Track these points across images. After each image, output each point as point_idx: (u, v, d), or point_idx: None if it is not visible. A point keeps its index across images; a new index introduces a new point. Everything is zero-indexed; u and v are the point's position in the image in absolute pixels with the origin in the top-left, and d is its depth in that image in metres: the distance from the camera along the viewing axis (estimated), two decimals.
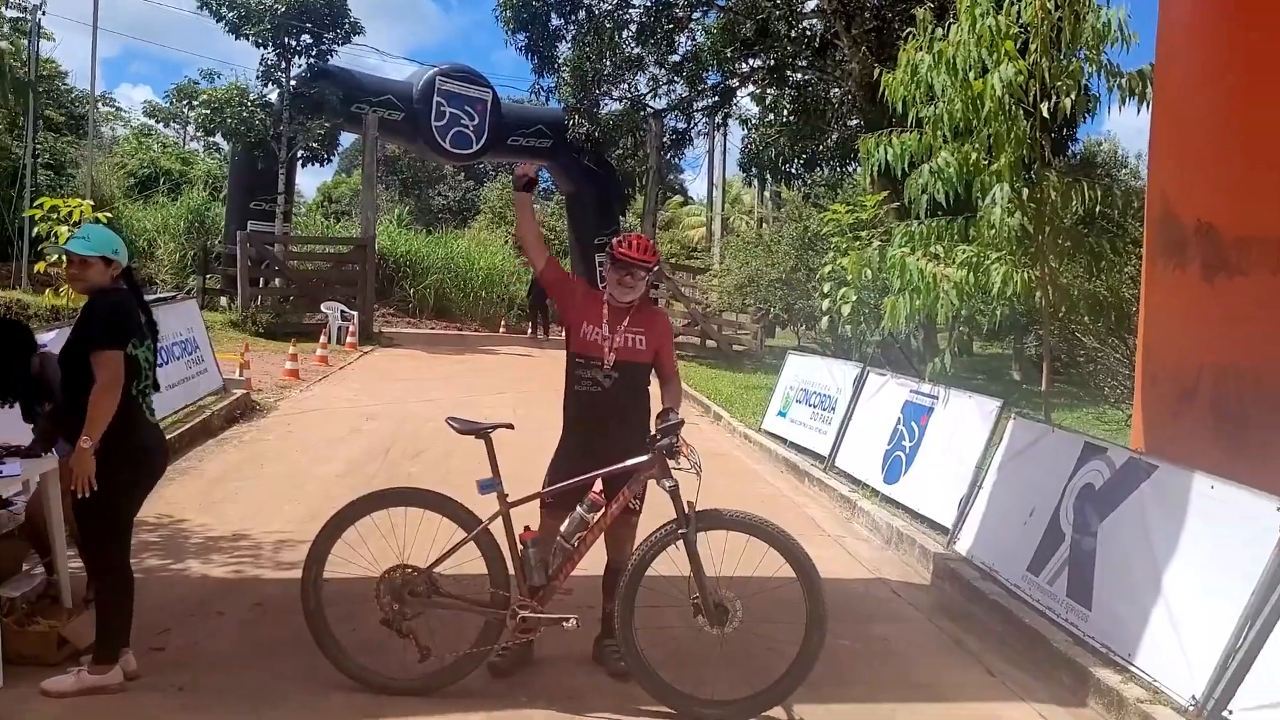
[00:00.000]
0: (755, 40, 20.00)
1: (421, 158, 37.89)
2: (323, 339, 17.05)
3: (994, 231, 7.41)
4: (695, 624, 4.28)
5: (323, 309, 19.74)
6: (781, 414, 11.21)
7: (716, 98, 22.61)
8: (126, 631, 4.22)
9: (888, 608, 5.99)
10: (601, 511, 4.35)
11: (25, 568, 4.97)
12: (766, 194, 35.90)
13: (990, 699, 4.67)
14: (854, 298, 10.34)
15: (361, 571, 4.36)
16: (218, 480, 8.02)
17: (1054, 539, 5.63)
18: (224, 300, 21.37)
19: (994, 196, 7.33)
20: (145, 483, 4.32)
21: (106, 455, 3.95)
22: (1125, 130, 66.75)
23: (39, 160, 23.79)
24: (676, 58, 21.97)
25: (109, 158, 32.54)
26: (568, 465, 4.52)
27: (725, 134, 34.31)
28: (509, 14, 21.64)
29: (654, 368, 4.66)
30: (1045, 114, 7.23)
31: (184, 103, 22.52)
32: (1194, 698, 4.23)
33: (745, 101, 23.94)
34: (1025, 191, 7.49)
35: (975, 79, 7.20)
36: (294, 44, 20.35)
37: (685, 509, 4.24)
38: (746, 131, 23.30)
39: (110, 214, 15.54)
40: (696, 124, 24.52)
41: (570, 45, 22.02)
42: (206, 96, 20.10)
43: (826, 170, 23.46)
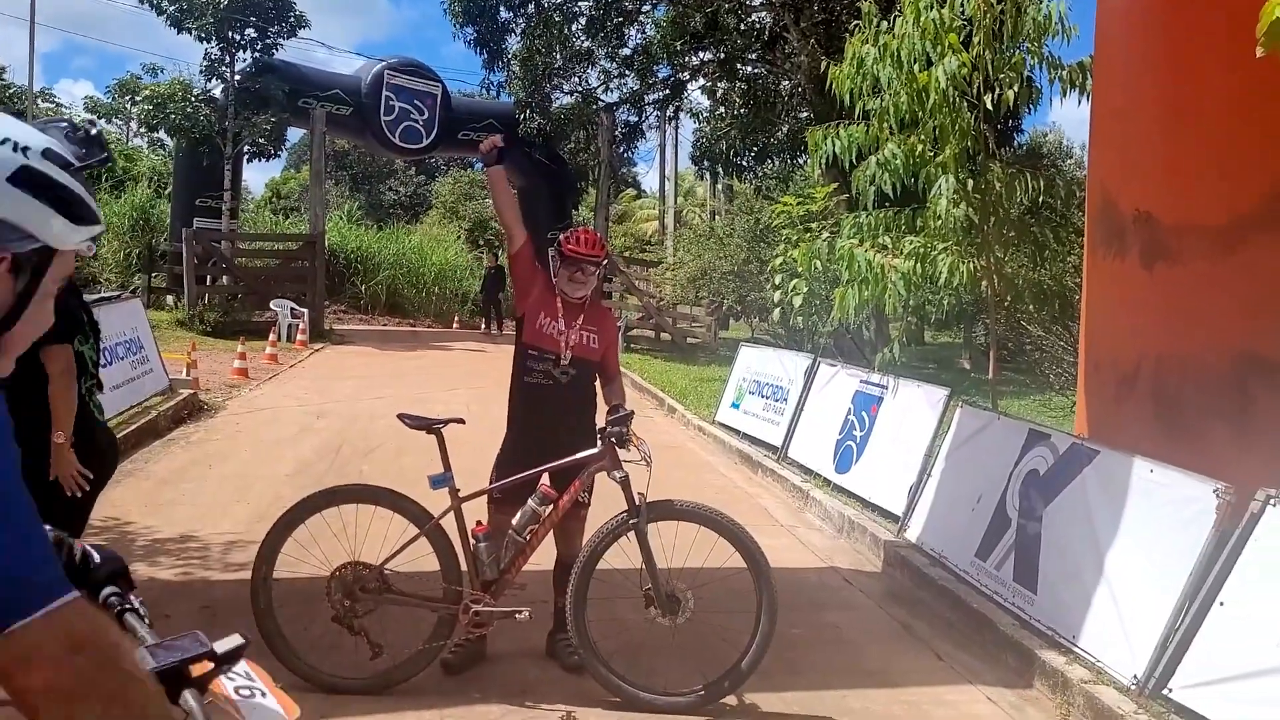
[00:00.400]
0: (705, 33, 20.03)
1: (371, 152, 37.51)
2: (272, 337, 16.85)
3: (940, 222, 7.52)
4: (647, 615, 4.31)
5: (272, 306, 19.49)
6: (735, 406, 11.27)
7: (667, 91, 22.63)
8: None
9: (839, 595, 6.06)
10: (553, 504, 4.36)
11: None
12: (719, 187, 36.01)
13: (938, 683, 4.74)
14: (805, 289, 10.42)
15: (313, 571, 4.33)
16: (165, 482, 7.91)
17: (1000, 524, 5.72)
18: (170, 299, 21.03)
19: (940, 187, 7.42)
20: (96, 482, 4.25)
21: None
22: (1070, 121, 67.97)
23: None
24: (627, 51, 21.95)
25: None
26: (516, 459, 4.52)
27: (677, 127, 34.38)
28: (457, 7, 21.47)
29: (599, 367, 4.68)
30: (989, 106, 7.34)
31: (126, 98, 22.09)
32: (1136, 677, 4.33)
33: (696, 94, 24.01)
34: (970, 183, 7.60)
35: (920, 71, 7.28)
36: (238, 38, 20.04)
37: (636, 500, 4.26)
38: (698, 125, 23.39)
39: None
40: (648, 117, 24.50)
41: (520, 39, 21.91)
42: (149, 92, 19.75)
43: (777, 162, 23.59)
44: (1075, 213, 9.31)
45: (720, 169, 23.91)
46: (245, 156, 21.27)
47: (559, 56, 21.16)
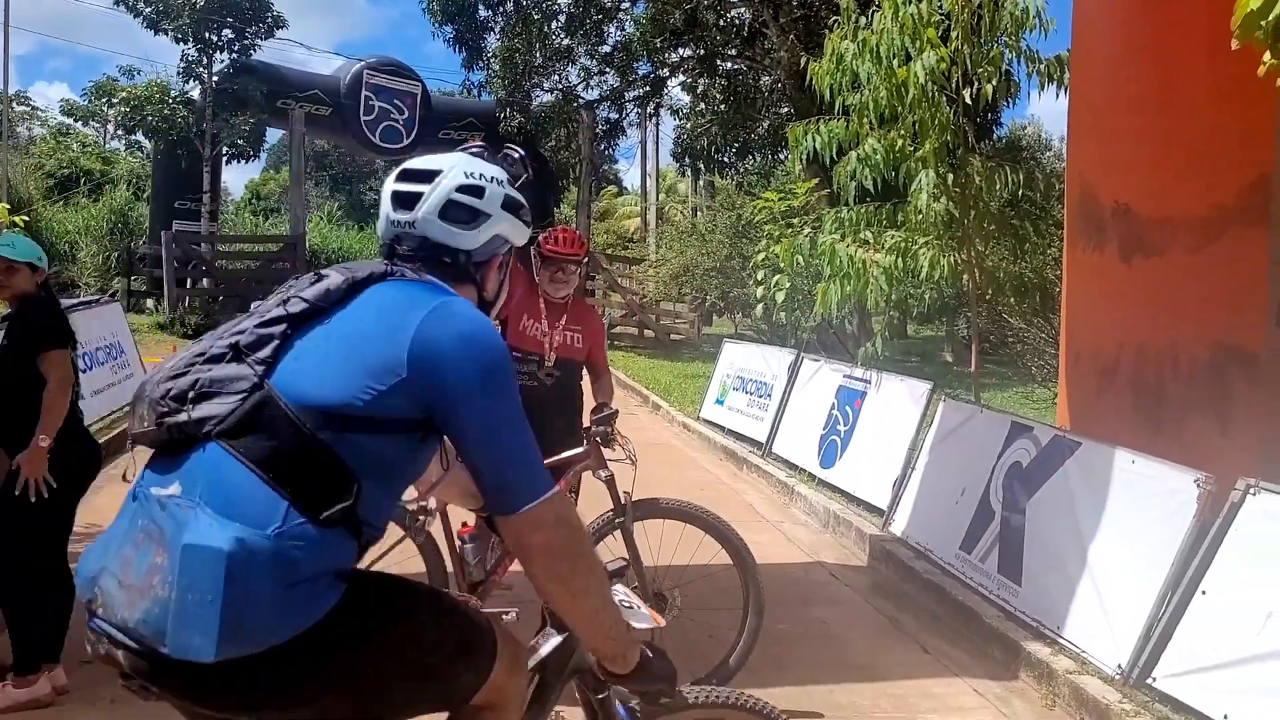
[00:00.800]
0: (684, 30, 20.05)
1: (352, 153, 37.37)
2: None
3: (921, 216, 7.53)
4: None
5: (253, 308, 19.35)
6: (719, 402, 11.29)
7: (648, 88, 22.64)
8: (58, 644, 4.13)
9: (825, 590, 6.08)
10: None
11: None
12: (700, 183, 36.02)
13: (925, 676, 4.76)
14: (787, 285, 10.44)
15: None
16: None
17: (984, 517, 5.75)
18: (150, 302, 20.88)
19: (920, 182, 7.44)
20: (79, 489, 4.30)
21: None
22: (1049, 114, 68.28)
23: None
24: (606, 48, 21.94)
25: (25, 159, 31.59)
26: None
27: (658, 124, 34.42)
28: (436, 6, 21.44)
29: (587, 364, 4.67)
30: (968, 100, 7.36)
31: (103, 101, 21.91)
32: (1120, 667, 4.36)
33: (676, 91, 24.04)
34: (950, 177, 7.62)
35: (899, 66, 7.30)
36: (215, 39, 19.92)
37: (621, 498, 4.26)
38: (679, 121, 23.40)
39: (27, 217, 15.10)
40: (628, 114, 24.51)
41: (499, 37, 21.88)
42: (126, 94, 19.62)
43: (759, 158, 23.64)
44: (1055, 205, 9.36)
45: (702, 165, 23.96)
46: (224, 158, 21.15)
47: (539, 54, 21.12)
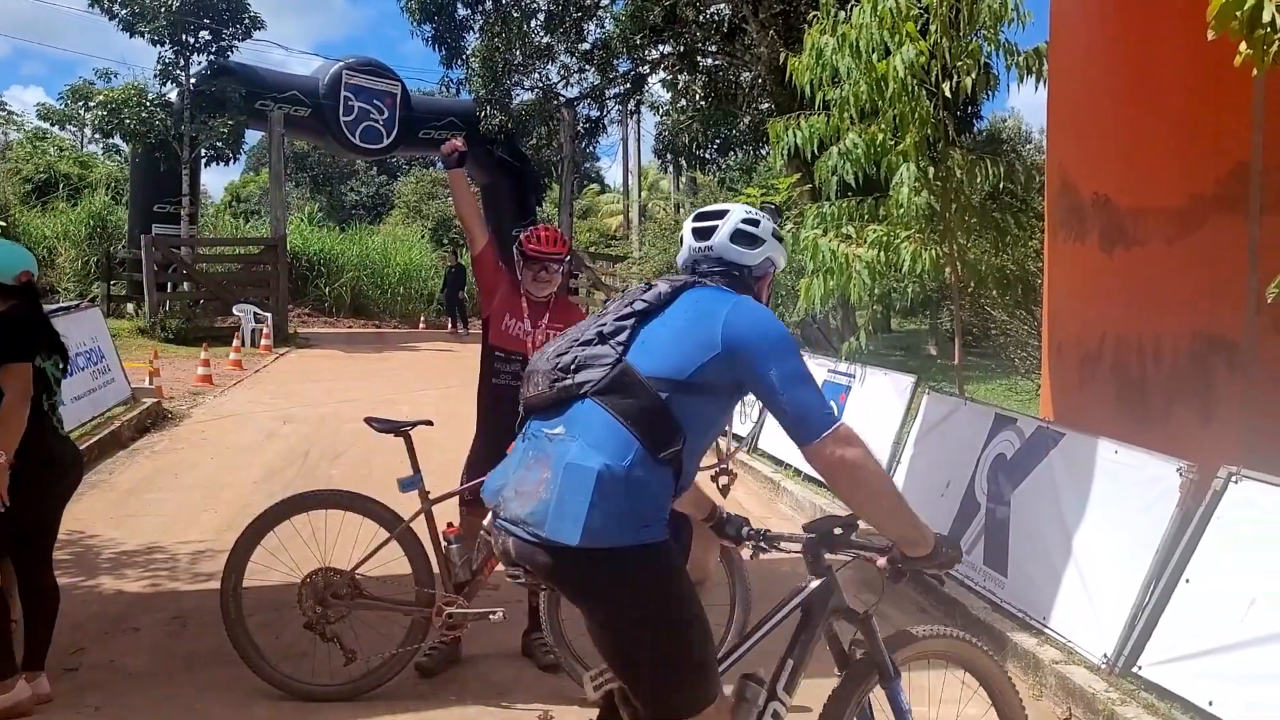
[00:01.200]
0: (664, 26, 20.03)
1: (332, 154, 37.21)
2: (236, 342, 16.66)
3: (903, 210, 7.54)
4: None
5: (235, 311, 19.29)
6: None
7: (628, 85, 22.62)
8: (41, 653, 4.10)
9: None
10: None
11: None
12: (683, 180, 36.02)
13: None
14: None
15: (283, 578, 4.30)
16: (130, 492, 7.81)
17: (970, 509, 5.77)
18: (130, 307, 20.75)
19: (901, 176, 7.45)
20: (58, 497, 4.22)
21: (15, 471, 3.86)
22: (1029, 106, 68.57)
23: None
24: (586, 46, 21.91)
25: (2, 164, 31.33)
26: (486, 461, 4.48)
27: (639, 121, 34.42)
28: (414, 5, 21.35)
29: None
30: (947, 93, 7.37)
31: (80, 104, 21.71)
32: (1106, 655, 4.38)
33: (657, 88, 24.02)
34: (931, 170, 7.63)
35: (878, 61, 7.30)
36: (192, 40, 19.77)
37: None
38: (659, 118, 23.39)
39: (4, 223, 14.97)
40: (609, 112, 24.51)
41: (478, 35, 21.81)
42: (103, 97, 19.43)
43: (740, 154, 23.66)
44: (1035, 197, 9.39)
45: (684, 162, 23.96)
46: (203, 160, 21.02)
47: (518, 53, 21.07)
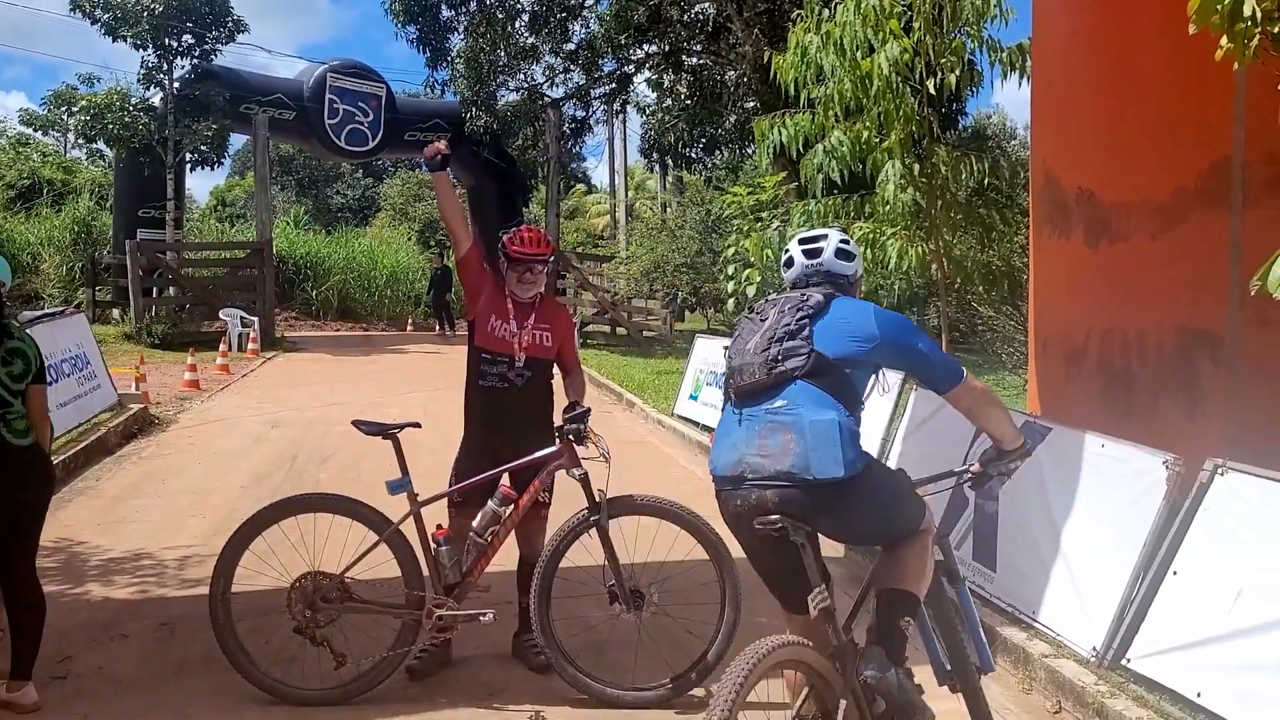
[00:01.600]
0: (649, 26, 20.07)
1: (317, 157, 37.11)
2: (223, 347, 16.60)
3: (888, 207, 7.58)
4: (612, 611, 4.30)
5: (221, 316, 19.22)
6: (693, 398, 11.29)
7: (613, 85, 22.65)
8: (27, 663, 4.07)
9: None
10: (513, 504, 4.34)
11: None
12: (669, 179, 36.05)
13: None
14: (758, 279, 10.44)
15: (272, 583, 4.28)
16: (117, 499, 7.77)
17: (958, 505, 5.78)
18: (116, 312, 20.64)
19: (886, 173, 7.49)
20: (24, 504, 4.14)
21: None
22: (1013, 103, 68.66)
23: None
24: (571, 46, 21.93)
25: None
26: (473, 462, 4.49)
27: (624, 120, 34.41)
28: (398, 7, 21.32)
29: (557, 361, 4.66)
30: (932, 90, 7.41)
31: (63, 109, 21.62)
32: (1095, 649, 4.39)
33: (642, 88, 24.05)
34: (916, 167, 7.67)
35: (863, 59, 7.34)
36: (175, 44, 19.68)
37: (596, 497, 4.25)
38: (645, 117, 23.40)
39: None
40: (595, 112, 24.52)
41: (463, 37, 21.79)
42: (86, 102, 19.33)
43: (726, 153, 23.71)
44: (1020, 193, 9.44)
45: (669, 161, 23.99)
46: (188, 165, 20.93)
47: (503, 53, 21.07)
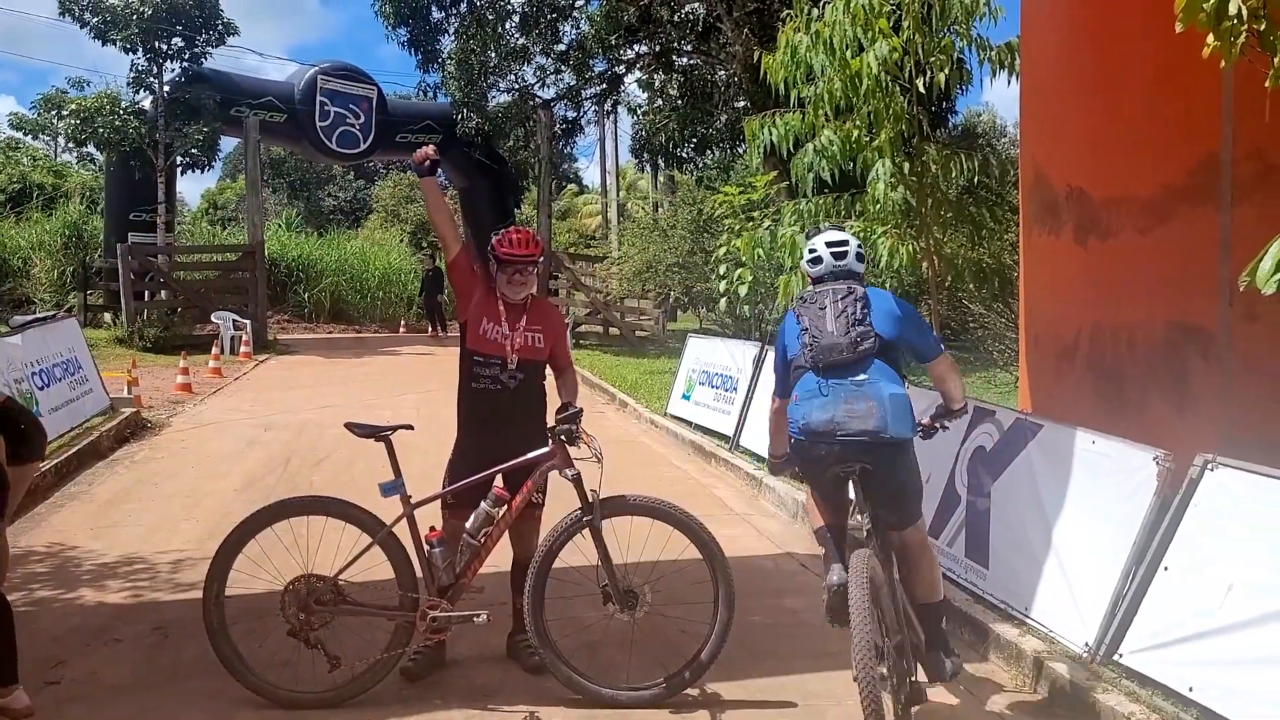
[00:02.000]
0: (639, 26, 20.07)
1: (308, 159, 37.02)
2: (215, 350, 16.58)
3: (879, 206, 7.59)
4: (606, 612, 4.31)
5: (213, 319, 19.19)
6: (685, 397, 11.30)
7: (604, 85, 22.63)
8: (7, 666, 4.05)
9: (796, 581, 6.10)
10: (506, 505, 4.35)
11: None
12: (660, 179, 36.07)
13: None
14: (750, 278, 10.46)
15: (266, 586, 4.28)
16: (109, 503, 7.75)
17: (951, 502, 5.80)
18: (108, 316, 20.60)
19: (877, 171, 7.50)
20: None
21: None
22: (1003, 101, 68.80)
23: None
24: (562, 47, 21.91)
25: None
26: (466, 464, 4.49)
27: (615, 121, 34.40)
28: (389, 9, 21.27)
29: (550, 362, 4.66)
30: (921, 89, 7.42)
31: (52, 113, 21.54)
32: (1087, 644, 4.41)
33: (633, 88, 24.04)
34: (906, 165, 7.68)
35: (852, 58, 7.34)
36: (165, 48, 19.60)
37: (589, 497, 4.26)
38: (636, 118, 23.40)
39: None
40: (586, 112, 24.49)
41: (453, 38, 21.75)
42: (76, 106, 19.27)
43: (718, 152, 23.70)
44: (1010, 191, 9.46)
45: (661, 161, 23.96)
46: (179, 168, 20.87)
47: (494, 55, 21.04)
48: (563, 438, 4.30)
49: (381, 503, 4.32)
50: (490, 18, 20.71)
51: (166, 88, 19.84)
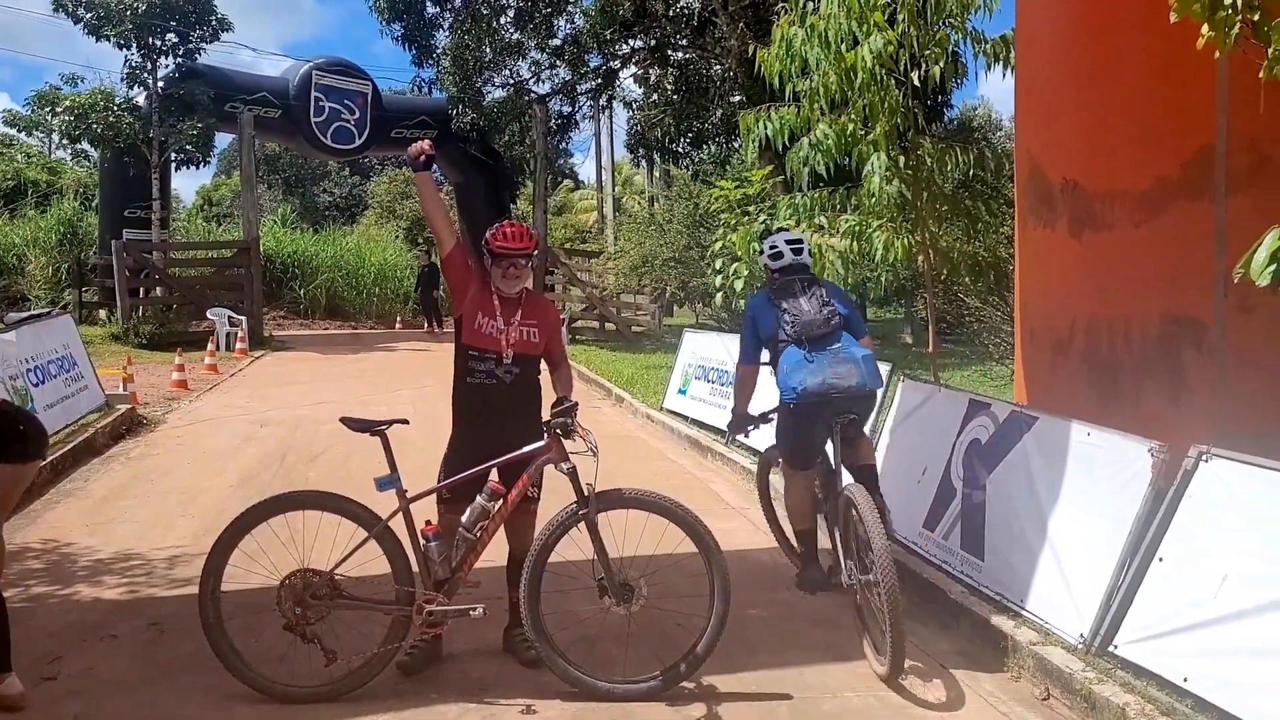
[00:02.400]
0: (634, 21, 20.04)
1: (303, 155, 36.97)
2: (210, 347, 16.57)
3: (874, 200, 7.58)
4: (602, 605, 4.31)
5: (209, 316, 19.17)
6: (682, 392, 11.30)
7: (599, 80, 22.60)
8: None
9: (792, 574, 6.09)
10: (502, 500, 4.35)
11: None
12: (656, 174, 36.03)
13: None
14: (745, 272, 10.44)
15: (262, 581, 4.28)
16: (105, 500, 7.75)
17: (946, 494, 5.81)
18: (103, 313, 20.57)
19: (872, 165, 7.49)
20: None
21: None
22: (998, 94, 68.66)
23: None
24: (557, 41, 21.88)
25: None
26: (462, 459, 4.49)
27: (611, 116, 34.37)
28: (383, 4, 21.25)
29: (545, 356, 4.66)
30: (916, 82, 7.41)
31: (46, 110, 21.53)
32: (1082, 636, 4.42)
33: (628, 83, 24.01)
34: (902, 159, 7.67)
35: (847, 51, 7.33)
36: (159, 44, 19.59)
37: (585, 491, 4.26)
38: (631, 113, 23.37)
39: None
40: (581, 107, 24.47)
41: (448, 33, 21.72)
42: (70, 102, 19.26)
43: (713, 147, 23.67)
44: (1006, 184, 9.45)
45: (656, 156, 23.94)
46: (173, 164, 20.84)
47: (489, 50, 21.01)
48: (558, 432, 4.30)
49: (377, 497, 4.32)
50: (485, 13, 20.69)
51: (161, 84, 19.81)
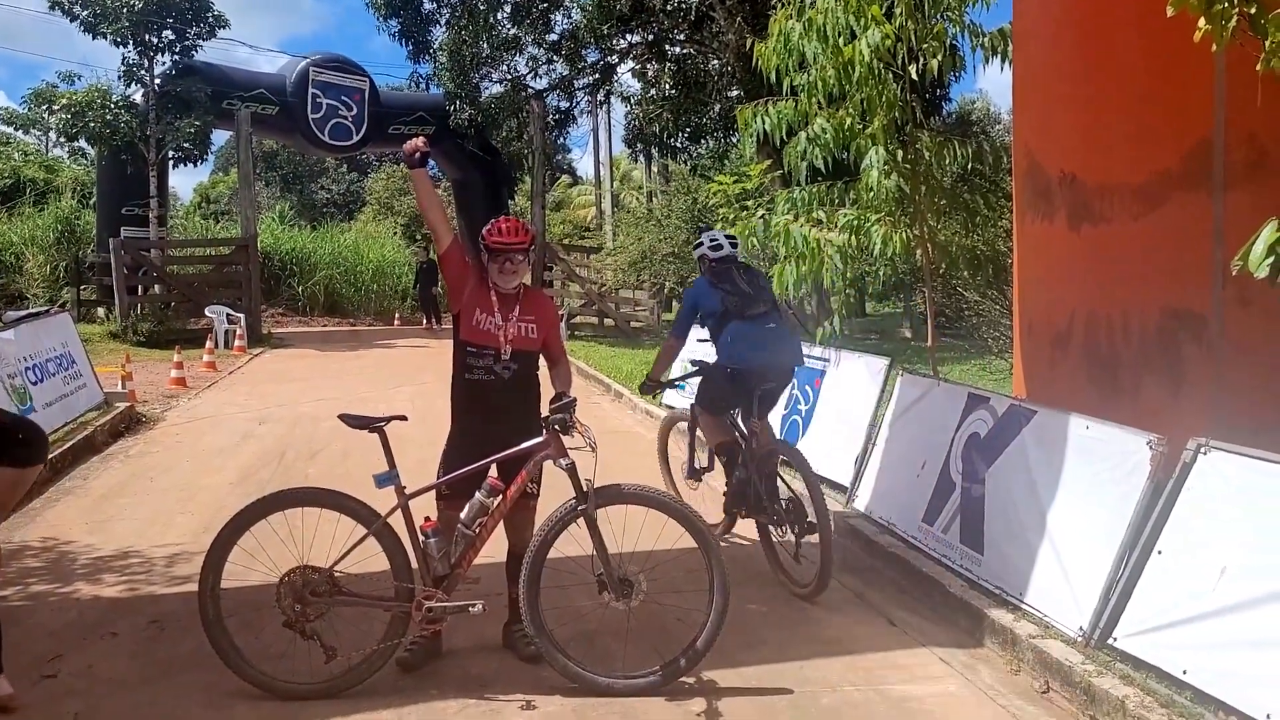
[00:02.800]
0: (631, 15, 20.01)
1: (301, 152, 36.93)
2: (209, 344, 16.55)
3: (872, 194, 7.58)
4: (602, 600, 4.31)
5: (207, 313, 19.15)
6: (680, 388, 11.27)
7: (597, 75, 22.58)
8: None
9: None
10: (501, 495, 4.35)
11: None
12: (654, 169, 35.99)
13: (893, 648, 4.81)
14: None
15: (262, 578, 4.28)
16: (104, 498, 7.74)
17: (945, 488, 5.81)
18: (101, 311, 20.55)
19: (870, 159, 7.49)
20: None
21: None
22: (997, 87, 68.69)
23: None
24: (554, 36, 21.86)
25: None
26: (461, 455, 4.49)
27: (609, 111, 34.34)
28: (380, 0, 21.22)
29: (543, 352, 4.66)
30: (914, 76, 7.40)
31: (43, 108, 21.51)
32: (1081, 629, 4.43)
33: (626, 77, 23.99)
34: (900, 153, 7.67)
35: (844, 45, 7.32)
36: (156, 41, 19.56)
37: (584, 486, 4.26)
38: (629, 108, 23.35)
39: None
40: (579, 102, 24.44)
41: (445, 29, 21.70)
42: (66, 100, 19.24)
43: (711, 142, 23.67)
44: (1004, 178, 9.44)
45: (655, 151, 23.92)
46: (171, 162, 20.83)
47: (486, 45, 20.99)
48: (557, 427, 4.30)
49: (376, 494, 4.32)
50: (481, 8, 20.66)
51: (157, 81, 19.79)
